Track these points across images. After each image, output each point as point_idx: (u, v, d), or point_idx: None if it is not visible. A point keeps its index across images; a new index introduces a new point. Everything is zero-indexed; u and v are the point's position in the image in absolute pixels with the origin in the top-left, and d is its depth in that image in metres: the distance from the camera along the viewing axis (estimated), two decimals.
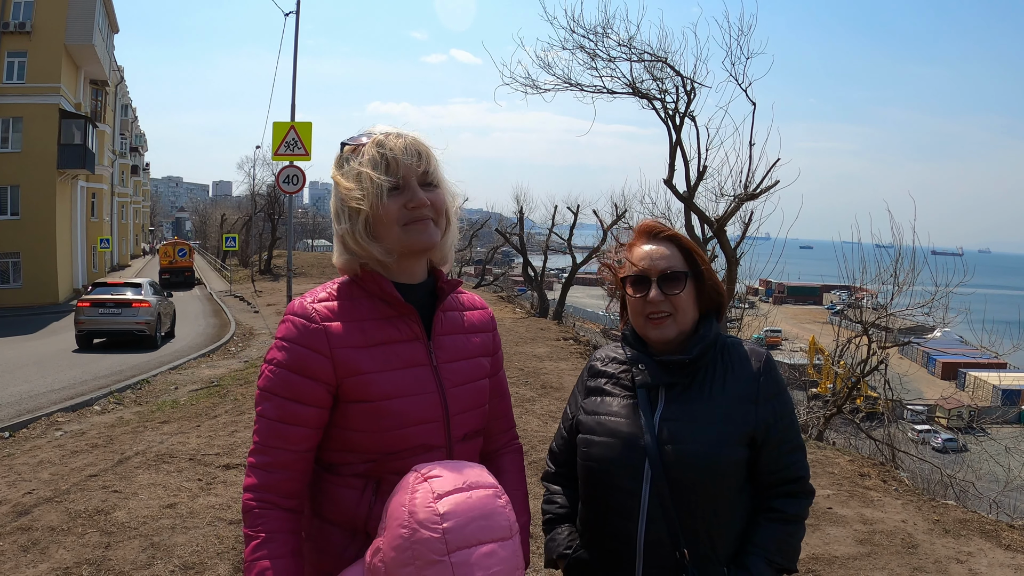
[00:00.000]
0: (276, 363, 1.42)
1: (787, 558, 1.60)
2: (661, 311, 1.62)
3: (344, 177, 1.44)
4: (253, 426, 1.46)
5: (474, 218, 37.72)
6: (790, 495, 1.63)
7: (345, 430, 1.43)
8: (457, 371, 1.52)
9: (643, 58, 9.31)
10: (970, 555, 4.31)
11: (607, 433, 1.63)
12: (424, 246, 1.46)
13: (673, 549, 1.54)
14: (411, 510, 1.19)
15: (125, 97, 55.50)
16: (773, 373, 1.65)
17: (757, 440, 1.60)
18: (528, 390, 8.73)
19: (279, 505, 1.40)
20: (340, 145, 1.49)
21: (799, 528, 1.64)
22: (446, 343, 1.52)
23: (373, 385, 1.41)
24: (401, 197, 1.42)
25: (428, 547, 1.15)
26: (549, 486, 1.87)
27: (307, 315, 1.42)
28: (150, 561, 3.92)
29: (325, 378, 1.40)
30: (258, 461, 1.41)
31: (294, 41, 14.58)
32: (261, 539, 1.36)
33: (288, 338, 1.42)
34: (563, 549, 1.73)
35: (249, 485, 1.41)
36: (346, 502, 1.44)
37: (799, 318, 62.94)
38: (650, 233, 1.68)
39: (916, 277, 9.35)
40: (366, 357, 1.42)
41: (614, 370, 1.73)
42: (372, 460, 1.43)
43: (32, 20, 27.90)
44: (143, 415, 7.82)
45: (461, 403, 1.51)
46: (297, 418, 1.40)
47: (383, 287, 1.45)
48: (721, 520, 1.58)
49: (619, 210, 19.90)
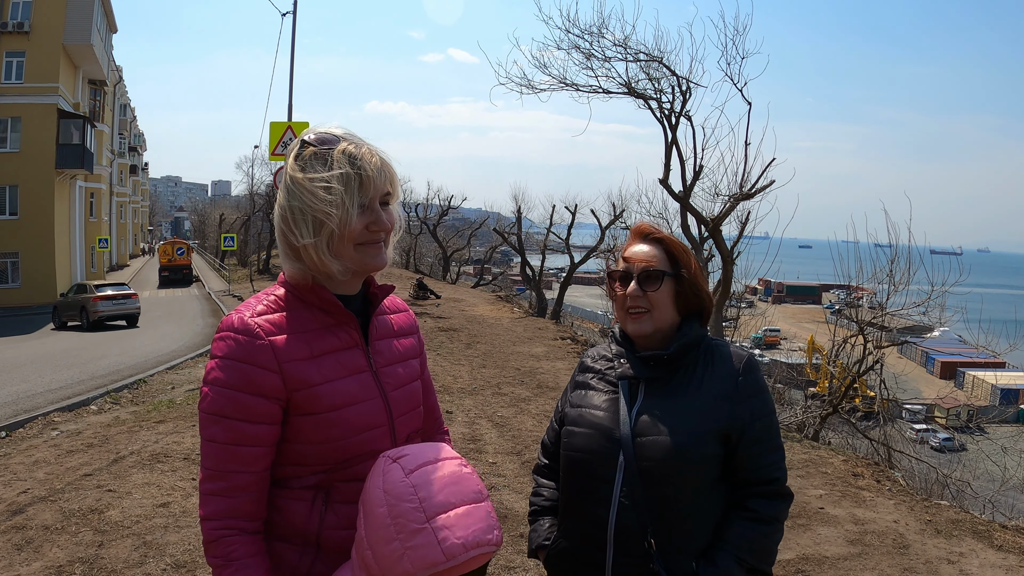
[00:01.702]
0: (220, 383, 1.36)
1: (758, 558, 1.62)
2: (639, 306, 1.69)
3: (312, 183, 1.37)
4: (201, 451, 1.40)
5: (472, 218, 37.78)
6: (765, 496, 1.65)
7: (295, 443, 1.40)
8: (394, 374, 1.52)
9: (639, 58, 9.33)
10: (961, 556, 4.32)
11: (588, 425, 1.70)
12: (376, 268, 1.46)
13: (642, 538, 1.58)
14: (386, 489, 1.25)
15: (124, 97, 55.49)
16: (754, 374, 1.68)
17: (732, 438, 1.63)
18: (524, 390, 8.74)
19: (245, 529, 1.37)
20: (300, 142, 1.43)
21: (774, 530, 1.65)
22: (382, 348, 1.53)
23: (323, 397, 1.39)
24: (365, 218, 1.40)
25: (408, 518, 1.21)
26: (538, 479, 1.93)
27: (249, 331, 1.37)
28: (142, 560, 3.93)
29: (275, 394, 1.36)
30: (215, 488, 1.36)
31: (291, 41, 14.58)
32: (235, 567, 1.33)
33: (232, 356, 1.36)
34: (543, 540, 1.79)
35: (210, 514, 1.36)
36: (297, 515, 1.42)
37: (798, 317, 63.02)
38: (641, 234, 1.76)
39: (912, 276, 9.36)
40: (313, 369, 1.39)
41: (601, 366, 1.80)
42: (323, 471, 1.41)
43: (30, 20, 27.94)
44: (139, 415, 7.82)
45: (402, 405, 1.52)
46: (251, 438, 1.36)
47: (324, 298, 1.43)
48: (691, 514, 1.61)
49: (617, 210, 19.97)
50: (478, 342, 12.78)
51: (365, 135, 1.48)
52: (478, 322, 15.95)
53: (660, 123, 9.52)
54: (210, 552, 1.36)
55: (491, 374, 9.77)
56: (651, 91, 9.47)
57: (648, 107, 9.55)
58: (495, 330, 14.63)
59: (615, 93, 9.69)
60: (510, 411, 7.64)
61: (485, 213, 33.87)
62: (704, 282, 1.77)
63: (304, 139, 1.43)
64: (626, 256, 1.74)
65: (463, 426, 6.96)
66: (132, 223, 63.08)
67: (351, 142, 1.41)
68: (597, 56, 9.52)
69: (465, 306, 19.52)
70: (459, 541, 1.20)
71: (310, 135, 1.43)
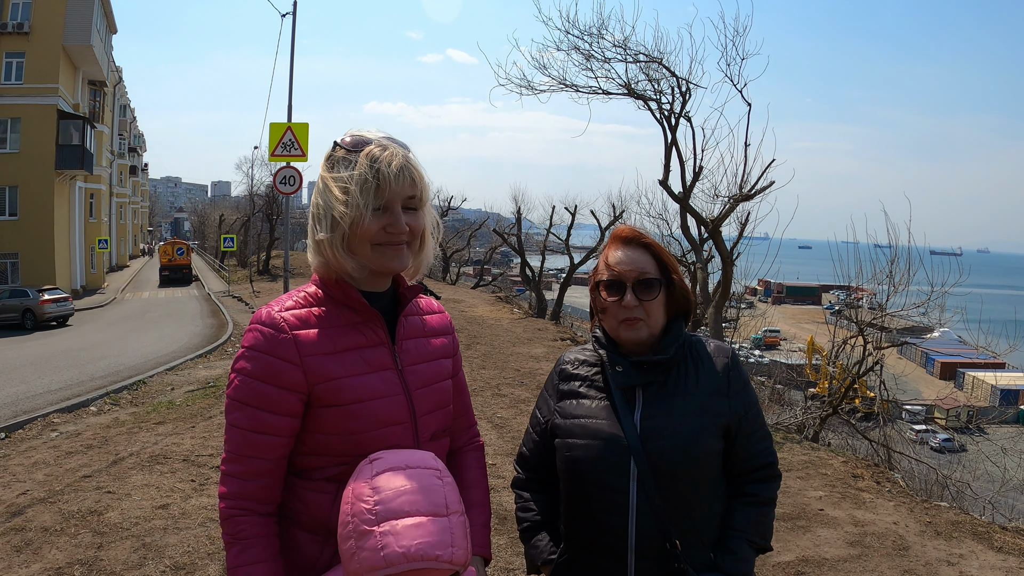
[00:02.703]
0: (246, 373, 1.42)
1: (763, 537, 1.71)
2: (634, 316, 1.68)
3: (334, 183, 1.43)
4: (225, 433, 1.47)
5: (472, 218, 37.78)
6: (762, 480, 1.73)
7: (317, 434, 1.44)
8: (421, 373, 1.55)
9: (638, 59, 9.30)
10: (961, 557, 4.31)
11: (588, 435, 1.67)
12: (392, 271, 1.50)
13: (663, 540, 1.60)
14: (353, 488, 1.29)
15: (123, 97, 55.45)
16: (740, 367, 1.75)
17: (731, 431, 1.69)
18: (524, 391, 8.73)
19: (256, 511, 1.42)
20: (333, 143, 1.49)
21: (772, 509, 1.75)
22: (409, 347, 1.55)
23: (344, 389, 1.42)
24: (383, 219, 1.43)
25: (361, 519, 1.23)
26: (520, 493, 1.88)
27: (275, 324, 1.43)
28: (141, 561, 3.93)
29: (296, 387, 1.41)
30: (232, 470, 1.43)
31: (291, 42, 14.55)
32: (242, 544, 1.40)
33: (256, 347, 1.42)
34: (547, 555, 1.76)
35: (225, 493, 1.43)
36: (321, 508, 1.45)
37: (797, 318, 63.00)
38: (626, 239, 1.73)
39: (912, 277, 9.35)
40: (335, 363, 1.43)
41: (586, 372, 1.78)
42: (344, 463, 1.44)
43: (30, 20, 27.94)
44: (139, 416, 7.82)
45: (427, 404, 1.54)
46: (269, 427, 1.41)
47: (350, 295, 1.47)
48: (704, 508, 1.66)
49: (617, 211, 19.94)
50: (478, 343, 12.78)
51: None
52: (478, 323, 15.95)
53: (660, 124, 9.50)
54: (224, 529, 1.43)
55: (491, 375, 9.76)
56: (651, 92, 9.45)
57: (648, 108, 9.53)
58: (495, 331, 14.63)
59: (615, 94, 9.66)
60: (510, 412, 7.63)
61: (485, 214, 33.87)
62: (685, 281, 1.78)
63: (336, 141, 1.48)
64: (612, 263, 1.71)
65: None
66: (132, 224, 63.04)
67: (379, 144, 1.44)
68: (597, 57, 9.49)
69: (465, 307, 19.53)
70: (400, 550, 1.19)
71: (345, 137, 1.48)
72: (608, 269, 1.71)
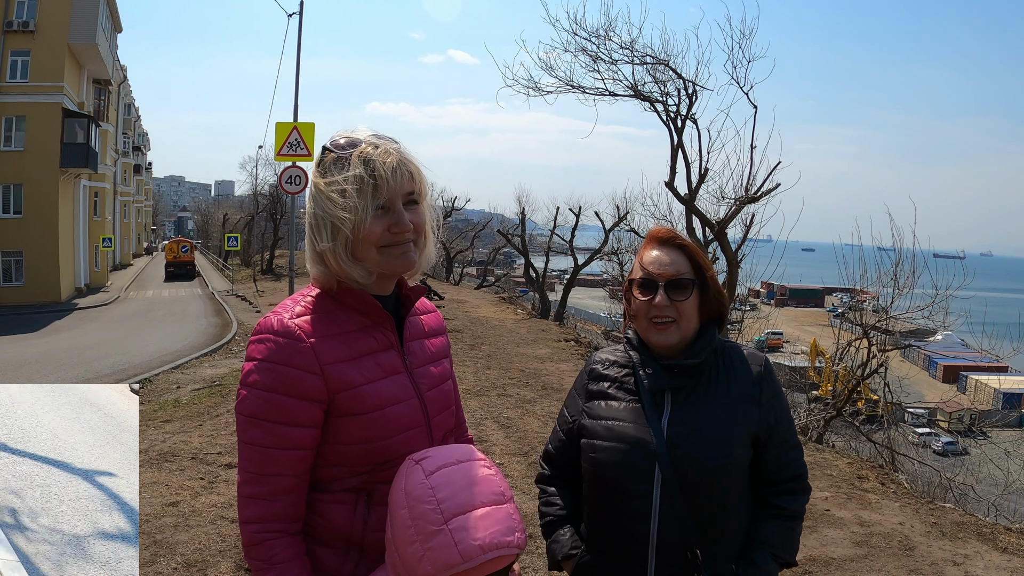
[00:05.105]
0: (261, 386, 1.34)
1: (789, 552, 1.68)
2: (666, 316, 1.65)
3: (329, 187, 1.37)
4: (239, 453, 1.40)
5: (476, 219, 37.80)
6: (791, 492, 1.70)
7: (336, 444, 1.39)
8: (428, 375, 1.52)
9: (645, 61, 9.34)
10: (967, 558, 4.33)
11: (614, 438, 1.65)
12: (403, 270, 1.45)
13: (685, 549, 1.57)
14: (407, 491, 1.27)
15: (128, 96, 55.53)
16: (772, 376, 1.71)
17: (761, 440, 1.65)
18: (529, 391, 8.76)
19: (287, 531, 1.37)
20: (322, 149, 1.43)
21: (799, 524, 1.71)
22: (415, 348, 1.53)
23: (364, 397, 1.38)
24: (386, 219, 1.38)
25: (426, 520, 1.22)
26: (545, 488, 1.87)
27: (290, 333, 1.35)
28: (152, 559, 3.95)
29: (318, 396, 1.35)
30: (254, 491, 1.36)
31: (297, 42, 14.60)
32: (279, 569, 1.34)
33: (271, 359, 1.34)
34: (569, 550, 1.74)
35: (250, 517, 1.36)
36: (340, 518, 1.41)
37: (801, 320, 62.85)
38: (661, 240, 1.71)
39: (916, 280, 9.36)
40: (354, 370, 1.39)
41: (616, 374, 1.75)
42: (363, 472, 1.41)
43: (36, 19, 27.96)
44: (145, 414, 7.84)
45: (437, 405, 1.52)
46: (292, 442, 1.35)
47: (361, 299, 1.42)
48: (729, 519, 1.63)
49: (621, 212, 19.97)
50: (482, 343, 12.79)
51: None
52: (482, 323, 15.97)
53: (666, 126, 9.53)
54: (251, 555, 1.36)
55: (496, 375, 9.78)
56: (657, 94, 9.48)
57: (654, 110, 9.56)
58: (499, 332, 14.65)
59: (621, 96, 9.70)
60: (516, 412, 7.66)
61: (488, 214, 33.87)
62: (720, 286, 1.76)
63: (325, 145, 1.42)
64: (646, 263, 1.68)
65: (469, 427, 6.97)
66: (136, 222, 63.14)
67: (371, 143, 1.38)
68: (604, 59, 9.53)
69: (469, 307, 19.54)
70: (476, 543, 1.20)
71: (333, 140, 1.41)
72: (642, 268, 1.69)
